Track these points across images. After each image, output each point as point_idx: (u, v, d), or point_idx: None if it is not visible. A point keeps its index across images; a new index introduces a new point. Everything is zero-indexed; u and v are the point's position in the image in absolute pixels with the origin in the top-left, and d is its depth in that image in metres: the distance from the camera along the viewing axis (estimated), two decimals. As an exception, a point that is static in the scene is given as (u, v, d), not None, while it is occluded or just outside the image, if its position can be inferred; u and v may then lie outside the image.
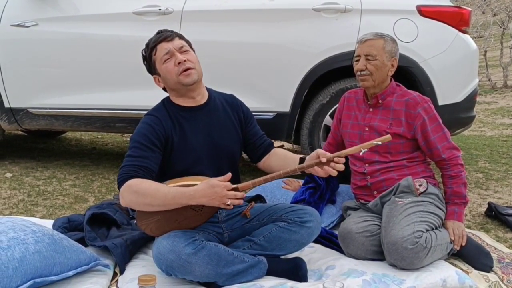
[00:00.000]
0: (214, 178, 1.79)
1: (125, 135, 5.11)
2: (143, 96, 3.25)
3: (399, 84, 2.34)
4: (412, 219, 2.04)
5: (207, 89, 2.07)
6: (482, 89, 8.05)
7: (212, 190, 1.74)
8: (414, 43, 3.06)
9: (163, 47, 1.94)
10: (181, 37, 2.00)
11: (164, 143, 1.92)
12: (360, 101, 2.38)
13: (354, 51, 2.43)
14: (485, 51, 8.72)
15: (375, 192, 2.29)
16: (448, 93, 3.15)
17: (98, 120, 3.44)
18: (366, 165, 2.29)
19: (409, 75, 3.08)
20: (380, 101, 2.29)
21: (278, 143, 4.34)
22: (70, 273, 1.84)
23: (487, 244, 2.39)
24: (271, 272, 1.93)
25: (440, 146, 2.21)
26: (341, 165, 1.78)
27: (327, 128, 3.12)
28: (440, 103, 3.08)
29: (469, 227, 2.65)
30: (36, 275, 1.72)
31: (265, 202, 2.35)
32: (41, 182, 3.34)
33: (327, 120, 3.17)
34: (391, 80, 2.32)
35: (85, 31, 3.34)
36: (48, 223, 2.32)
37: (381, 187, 2.27)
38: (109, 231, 2.28)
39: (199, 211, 1.87)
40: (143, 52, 2.01)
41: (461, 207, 2.20)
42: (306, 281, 1.93)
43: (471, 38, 3.32)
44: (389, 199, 2.21)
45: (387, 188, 2.25)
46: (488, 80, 8.50)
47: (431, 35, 3.12)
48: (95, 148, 4.54)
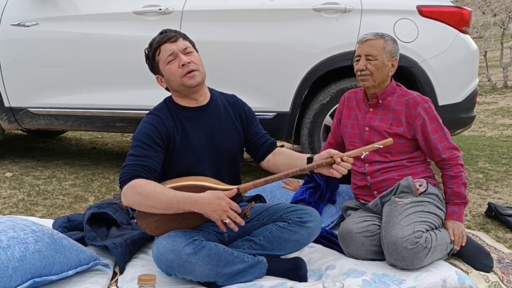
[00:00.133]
0: (221, 191, 1.79)
1: (125, 135, 5.11)
2: (143, 96, 3.26)
3: (399, 84, 2.34)
4: (412, 219, 2.04)
5: (209, 89, 2.07)
6: (482, 90, 8.05)
7: (217, 202, 1.75)
8: (414, 43, 3.06)
9: (167, 48, 1.93)
10: (185, 38, 1.99)
11: (167, 143, 1.92)
12: (360, 101, 2.38)
13: (354, 51, 2.43)
14: (485, 52, 8.72)
15: (375, 192, 2.29)
16: (448, 93, 3.15)
17: (98, 120, 3.44)
18: (366, 165, 2.29)
19: (409, 75, 3.08)
20: (380, 101, 2.29)
21: (278, 143, 4.33)
22: (70, 273, 1.83)
23: (487, 245, 2.39)
24: (271, 272, 1.93)
25: (440, 146, 2.21)
26: (350, 165, 1.82)
27: (327, 128, 3.12)
28: (440, 103, 3.08)
29: (469, 227, 2.65)
30: (36, 275, 1.72)
31: (265, 202, 2.36)
32: (41, 182, 3.34)
33: (327, 120, 3.17)
34: (391, 80, 2.32)
35: (85, 31, 3.34)
36: (48, 223, 2.32)
37: (381, 187, 2.27)
38: (109, 231, 2.28)
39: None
40: (146, 52, 2.00)
41: (461, 207, 2.20)
42: (306, 281, 1.93)
43: (471, 39, 3.33)
44: (389, 199, 2.21)
45: (387, 188, 2.25)
46: (488, 81, 8.50)
47: (432, 35, 3.12)
48: (95, 148, 4.54)
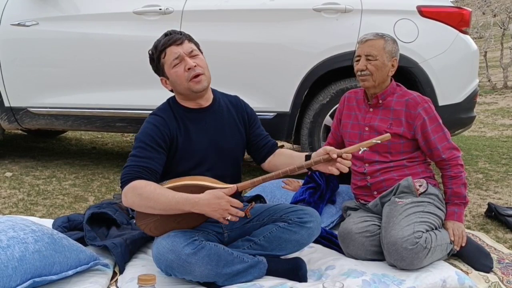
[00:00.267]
0: (220, 189, 1.79)
1: (125, 135, 5.11)
2: (143, 96, 3.26)
3: (399, 84, 2.34)
4: (412, 220, 2.04)
5: (212, 91, 2.07)
6: (482, 90, 8.05)
7: (217, 201, 1.76)
8: (415, 44, 3.06)
9: (173, 51, 1.91)
10: (190, 40, 1.97)
11: (169, 144, 1.92)
12: (360, 101, 2.38)
13: (355, 51, 2.43)
14: (485, 52, 8.72)
15: (375, 193, 2.29)
16: (448, 94, 3.15)
17: (98, 120, 3.44)
18: (366, 165, 2.29)
19: (410, 76, 3.08)
20: (380, 101, 2.29)
21: (278, 143, 4.33)
22: (70, 273, 1.83)
23: (487, 245, 2.39)
24: (271, 272, 1.93)
25: (440, 147, 2.21)
26: (349, 162, 1.80)
27: (327, 128, 3.12)
28: (440, 104, 3.08)
29: (469, 228, 2.65)
30: (36, 275, 1.72)
31: (265, 202, 2.35)
32: (41, 182, 3.34)
33: (327, 120, 3.17)
34: (392, 80, 2.32)
35: (85, 31, 3.34)
36: (48, 223, 2.32)
37: (381, 187, 2.27)
38: (109, 231, 2.28)
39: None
40: (151, 53, 1.97)
41: (461, 208, 2.20)
42: (306, 281, 1.93)
43: (472, 39, 3.33)
44: (389, 200, 2.21)
45: (387, 188, 2.25)
46: (488, 81, 8.50)
47: (432, 36, 3.12)
48: (95, 148, 4.54)
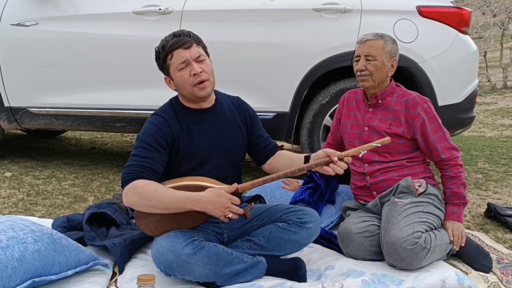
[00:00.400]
0: (220, 187, 1.79)
1: (125, 135, 5.11)
2: (143, 96, 3.26)
3: (399, 85, 2.34)
4: (412, 220, 2.04)
5: (214, 92, 2.06)
6: (482, 90, 8.06)
7: (218, 199, 1.76)
8: (414, 44, 3.06)
9: (180, 55, 1.89)
10: (199, 43, 1.94)
11: (171, 145, 1.91)
12: (360, 101, 2.38)
13: (354, 51, 2.43)
14: (485, 52, 8.73)
15: (375, 193, 2.29)
16: (448, 94, 3.15)
17: (98, 120, 3.44)
18: (366, 165, 2.29)
19: (409, 76, 3.08)
20: (380, 101, 2.29)
21: (278, 144, 4.33)
22: (69, 273, 1.83)
23: (486, 245, 2.39)
24: (270, 272, 1.93)
25: (440, 147, 2.21)
26: (346, 165, 1.82)
27: (327, 128, 3.12)
28: (440, 104, 3.08)
29: (469, 228, 2.65)
30: (35, 275, 1.72)
31: (265, 203, 2.36)
32: (41, 182, 3.34)
33: (327, 120, 3.17)
34: (391, 81, 2.32)
35: (85, 31, 3.34)
36: (48, 223, 2.31)
37: (381, 188, 2.27)
38: (109, 231, 2.28)
39: (199, 211, 1.86)
40: (157, 51, 1.95)
41: (461, 208, 2.20)
42: (305, 281, 1.93)
43: (471, 39, 3.32)
44: (389, 200, 2.21)
45: (387, 189, 2.25)
46: (488, 81, 8.51)
47: (431, 36, 3.12)
48: (95, 148, 4.54)
